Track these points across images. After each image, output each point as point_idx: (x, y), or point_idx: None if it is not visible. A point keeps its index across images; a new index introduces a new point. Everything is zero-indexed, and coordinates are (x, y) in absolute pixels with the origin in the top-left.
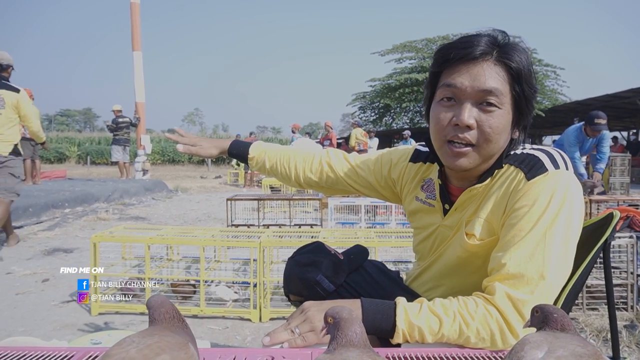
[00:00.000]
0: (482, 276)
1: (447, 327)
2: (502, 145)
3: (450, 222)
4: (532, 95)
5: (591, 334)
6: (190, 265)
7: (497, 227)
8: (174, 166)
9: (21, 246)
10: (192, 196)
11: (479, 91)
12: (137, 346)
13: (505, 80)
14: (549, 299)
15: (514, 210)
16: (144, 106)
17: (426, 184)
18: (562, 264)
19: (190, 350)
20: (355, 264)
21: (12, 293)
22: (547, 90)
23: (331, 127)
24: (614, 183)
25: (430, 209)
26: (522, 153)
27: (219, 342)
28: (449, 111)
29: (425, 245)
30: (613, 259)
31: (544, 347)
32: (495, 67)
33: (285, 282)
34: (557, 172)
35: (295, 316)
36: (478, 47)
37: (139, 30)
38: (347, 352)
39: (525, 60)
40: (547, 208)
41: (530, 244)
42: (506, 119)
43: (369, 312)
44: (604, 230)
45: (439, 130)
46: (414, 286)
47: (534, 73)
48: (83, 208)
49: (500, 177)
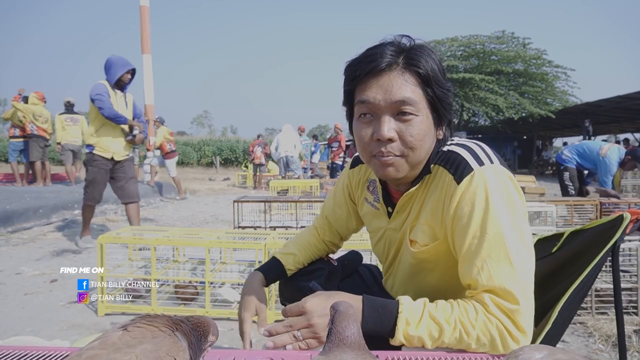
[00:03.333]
0: (440, 276)
1: (447, 335)
2: (429, 149)
3: (395, 225)
4: (445, 94)
5: (600, 339)
6: (196, 267)
7: (439, 232)
8: (182, 168)
9: (31, 247)
10: (201, 198)
11: (393, 103)
12: (119, 332)
13: (417, 86)
14: (530, 291)
15: (458, 218)
16: (153, 108)
17: (371, 184)
18: (525, 254)
19: (175, 337)
20: (349, 269)
21: (21, 293)
22: (557, 92)
23: (341, 129)
24: (625, 185)
25: (376, 212)
26: (446, 151)
27: (224, 344)
28: (369, 127)
29: (379, 248)
30: (623, 262)
31: (544, 351)
32: (403, 75)
33: (280, 291)
34: (482, 169)
35: (298, 320)
36: (383, 59)
37: (148, 33)
38: (342, 354)
39: (433, 62)
40: (488, 208)
41: (490, 252)
42: (426, 124)
43: (369, 314)
44: (613, 232)
45: (364, 147)
46: (387, 289)
47: (443, 71)
48: None
49: (433, 179)
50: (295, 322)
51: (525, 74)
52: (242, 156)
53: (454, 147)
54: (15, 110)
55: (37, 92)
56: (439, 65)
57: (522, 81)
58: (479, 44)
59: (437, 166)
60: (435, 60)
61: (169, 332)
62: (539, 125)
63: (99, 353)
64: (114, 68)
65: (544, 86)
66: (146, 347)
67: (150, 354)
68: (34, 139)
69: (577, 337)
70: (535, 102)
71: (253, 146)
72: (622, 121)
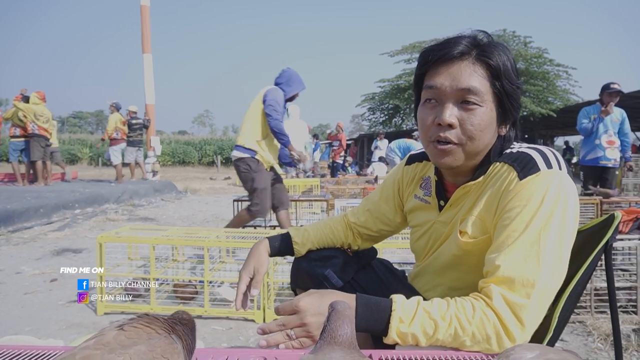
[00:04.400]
0: (478, 275)
1: (442, 332)
2: (488, 142)
3: (445, 219)
4: (514, 90)
5: (599, 338)
6: (195, 266)
7: (490, 226)
8: (184, 167)
9: (31, 246)
10: (201, 197)
11: (458, 90)
12: (114, 332)
13: (485, 78)
14: (546, 301)
15: (506, 211)
16: (154, 108)
17: (424, 181)
18: (557, 266)
19: (171, 339)
20: (363, 261)
21: (21, 293)
22: (558, 91)
23: (342, 128)
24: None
25: (426, 205)
26: (516, 152)
27: (222, 343)
28: (432, 112)
29: (421, 242)
30: (622, 261)
31: (536, 351)
32: (473, 66)
33: (292, 276)
34: (549, 172)
35: (292, 318)
36: (456, 48)
37: (149, 33)
38: (332, 353)
39: (506, 57)
40: (539, 208)
41: (524, 246)
42: (489, 116)
43: (362, 312)
44: (605, 232)
45: (424, 131)
46: (414, 286)
47: (516, 70)
48: (93, 209)
49: (494, 175)
50: (288, 321)
51: (526, 73)
52: None
53: (526, 149)
54: (16, 109)
55: (38, 92)
56: (512, 63)
57: (523, 80)
58: None
59: (503, 163)
60: (509, 58)
61: (165, 333)
62: (540, 124)
63: (93, 353)
64: (296, 83)
65: (545, 85)
66: (140, 348)
67: (145, 355)
68: (35, 139)
69: (577, 336)
70: (537, 100)
71: None
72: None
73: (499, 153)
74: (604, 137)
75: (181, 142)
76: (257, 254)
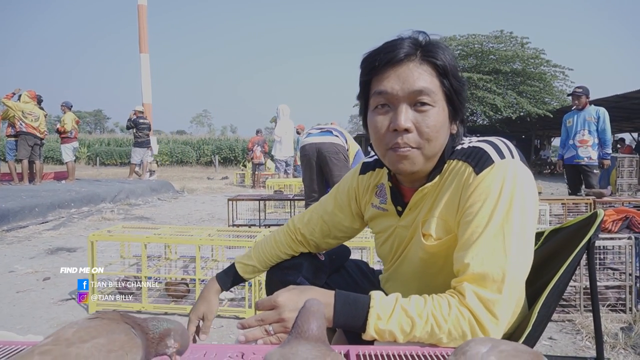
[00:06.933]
0: (448, 276)
1: (419, 329)
2: (443, 142)
3: (406, 222)
4: (461, 88)
5: (587, 336)
6: (187, 265)
7: (453, 224)
8: (182, 167)
9: (25, 245)
10: (198, 197)
11: (410, 92)
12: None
13: (434, 77)
14: (516, 291)
15: (467, 207)
16: (151, 107)
17: (379, 189)
18: (523, 255)
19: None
20: (336, 263)
21: (13, 291)
22: (555, 91)
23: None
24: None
25: (384, 213)
26: (468, 147)
27: (213, 341)
28: (386, 118)
29: (385, 247)
30: (612, 260)
31: (488, 344)
32: (421, 67)
33: (267, 285)
34: (503, 162)
35: (270, 314)
36: (401, 50)
37: (146, 33)
38: (298, 346)
39: (450, 56)
40: (498, 200)
41: (489, 240)
42: (442, 115)
43: (341, 308)
44: (588, 229)
45: (379, 139)
46: (387, 292)
47: (458, 67)
48: (89, 208)
49: (450, 173)
50: (266, 316)
51: (523, 74)
52: (241, 155)
53: (477, 142)
54: (7, 108)
55: (29, 91)
56: (454, 61)
57: (520, 80)
58: (477, 43)
59: (456, 161)
60: (451, 55)
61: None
62: (537, 124)
63: (52, 349)
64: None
65: (542, 85)
66: (99, 341)
67: (103, 347)
68: (22, 137)
69: (565, 335)
70: (533, 101)
71: (252, 144)
72: (619, 120)
73: (451, 151)
74: (577, 136)
75: (179, 142)
76: (208, 298)
